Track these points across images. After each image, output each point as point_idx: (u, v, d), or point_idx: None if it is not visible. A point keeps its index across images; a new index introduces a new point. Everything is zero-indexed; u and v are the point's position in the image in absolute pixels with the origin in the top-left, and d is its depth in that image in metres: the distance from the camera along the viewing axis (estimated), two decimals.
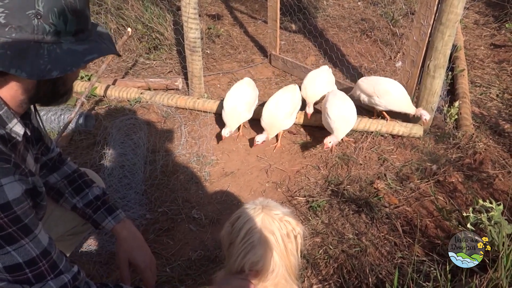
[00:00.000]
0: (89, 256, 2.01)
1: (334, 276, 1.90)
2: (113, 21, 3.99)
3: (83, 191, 1.39)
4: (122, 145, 2.66)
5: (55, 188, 1.39)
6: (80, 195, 1.39)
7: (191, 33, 3.04)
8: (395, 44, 4.03)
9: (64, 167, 1.41)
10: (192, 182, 2.56)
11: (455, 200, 2.29)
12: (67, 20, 0.91)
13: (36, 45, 0.88)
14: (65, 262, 1.03)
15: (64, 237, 1.53)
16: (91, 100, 3.28)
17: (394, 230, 2.12)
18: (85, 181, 1.42)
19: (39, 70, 0.88)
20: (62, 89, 1.04)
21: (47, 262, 0.97)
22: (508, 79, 3.62)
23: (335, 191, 2.43)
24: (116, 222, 1.38)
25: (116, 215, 1.40)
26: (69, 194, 1.38)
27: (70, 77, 1.05)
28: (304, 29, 4.27)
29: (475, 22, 4.73)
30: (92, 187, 1.42)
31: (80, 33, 0.96)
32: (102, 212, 1.38)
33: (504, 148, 2.73)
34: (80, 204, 1.38)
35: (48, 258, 0.98)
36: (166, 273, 1.94)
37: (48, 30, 0.89)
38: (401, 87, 2.86)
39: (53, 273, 0.98)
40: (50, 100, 1.04)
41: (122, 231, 1.38)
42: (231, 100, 2.86)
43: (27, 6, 0.86)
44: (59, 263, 1.01)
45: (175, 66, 3.86)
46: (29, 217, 0.95)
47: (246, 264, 1.10)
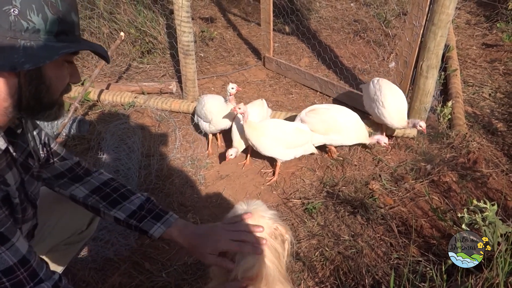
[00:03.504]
0: (84, 263, 1.99)
1: (331, 278, 1.90)
2: (106, 25, 3.98)
3: (120, 203, 1.30)
4: (116, 150, 2.64)
5: (88, 205, 1.32)
6: (117, 208, 1.29)
7: (184, 36, 3.04)
8: (388, 45, 4.05)
9: (91, 179, 1.35)
10: (187, 186, 2.55)
11: (449, 199, 2.30)
12: (47, 18, 0.90)
13: (13, 40, 0.87)
14: (46, 270, 0.99)
15: (59, 247, 1.52)
16: (84, 105, 3.27)
17: (390, 230, 2.13)
18: (122, 194, 1.32)
19: (12, 63, 0.87)
20: (47, 98, 0.98)
21: (25, 271, 0.94)
22: (500, 78, 3.64)
23: (331, 193, 2.43)
24: (166, 227, 1.25)
25: (166, 220, 1.27)
26: (105, 207, 1.30)
27: (55, 84, 0.99)
28: (297, 31, 4.29)
29: (467, 22, 4.77)
30: (132, 198, 1.31)
31: (63, 34, 0.94)
32: (149, 220, 1.26)
33: (498, 147, 2.75)
34: (122, 216, 1.28)
35: (27, 266, 0.95)
36: (162, 278, 1.93)
37: (26, 27, 0.88)
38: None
39: (32, 281, 0.95)
40: (34, 110, 0.99)
41: (173, 233, 1.24)
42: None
43: (3, 2, 0.85)
44: (39, 271, 0.98)
45: (169, 69, 3.86)
46: (5, 225, 0.93)
47: (239, 271, 1.09)
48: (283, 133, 2.50)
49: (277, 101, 3.45)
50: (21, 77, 0.92)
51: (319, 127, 2.60)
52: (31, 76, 0.93)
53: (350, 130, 2.62)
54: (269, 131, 2.49)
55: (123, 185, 1.37)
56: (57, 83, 0.99)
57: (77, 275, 1.92)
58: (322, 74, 3.75)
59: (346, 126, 2.61)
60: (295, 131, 2.54)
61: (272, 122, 2.59)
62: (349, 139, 2.64)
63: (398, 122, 2.65)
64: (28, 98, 0.96)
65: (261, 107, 2.80)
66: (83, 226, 1.54)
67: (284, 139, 2.49)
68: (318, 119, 2.61)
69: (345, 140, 2.64)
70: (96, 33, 3.99)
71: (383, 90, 2.68)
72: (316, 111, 2.66)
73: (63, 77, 1.01)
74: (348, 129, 2.61)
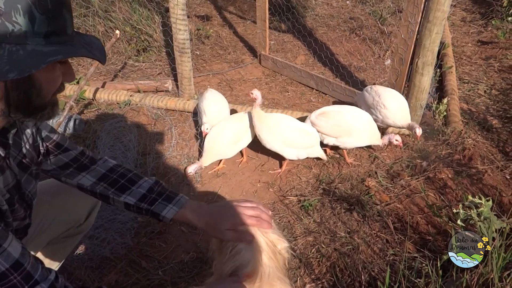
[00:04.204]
0: (80, 261, 1.99)
1: (327, 275, 1.91)
2: (101, 23, 3.97)
3: (128, 189, 1.28)
4: (112, 149, 2.64)
5: (97, 193, 1.30)
6: (127, 193, 1.27)
7: (179, 34, 3.03)
8: (383, 42, 4.06)
9: (97, 167, 1.32)
10: (184, 184, 2.55)
11: (445, 196, 2.31)
12: (35, 19, 0.82)
13: None
14: (41, 270, 0.98)
15: (58, 240, 1.52)
16: (80, 103, 3.26)
17: (386, 227, 2.13)
18: (129, 179, 1.30)
19: None
20: (38, 101, 0.93)
21: (19, 275, 0.93)
22: (496, 75, 3.66)
23: (327, 190, 2.43)
24: (178, 207, 1.23)
25: (178, 201, 1.25)
26: (114, 194, 1.28)
27: (46, 87, 0.93)
28: (293, 28, 4.28)
29: (462, 19, 4.78)
30: (140, 183, 1.29)
31: (54, 35, 0.86)
32: (160, 203, 1.24)
33: (493, 143, 2.76)
34: (132, 201, 1.26)
35: (20, 270, 0.93)
36: (159, 276, 1.93)
37: (12, 29, 0.80)
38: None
39: (27, 284, 0.94)
40: (26, 112, 0.94)
41: (187, 214, 1.22)
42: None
43: None
44: (34, 273, 0.96)
45: (165, 67, 3.85)
46: None
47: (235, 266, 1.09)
48: (285, 130, 2.49)
49: (273, 99, 3.46)
50: (8, 82, 0.86)
51: (330, 131, 2.58)
52: (19, 81, 0.87)
53: (362, 132, 2.57)
54: (271, 124, 2.49)
55: (130, 170, 1.34)
56: (49, 85, 0.94)
57: (73, 274, 1.91)
58: (318, 72, 3.75)
59: (358, 128, 2.56)
60: (299, 132, 2.52)
61: (277, 117, 2.58)
62: (361, 141, 2.60)
63: (402, 120, 2.64)
64: (17, 102, 0.90)
65: (241, 120, 2.64)
66: (81, 219, 1.54)
67: (284, 136, 2.48)
68: (329, 123, 2.57)
69: (358, 142, 2.60)
70: (91, 31, 3.97)
71: (382, 93, 2.67)
72: (327, 114, 2.61)
73: (54, 79, 0.95)
74: (360, 131, 2.57)
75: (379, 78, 3.66)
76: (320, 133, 2.61)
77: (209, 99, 2.79)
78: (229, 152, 2.60)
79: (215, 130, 2.58)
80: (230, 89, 3.60)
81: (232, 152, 2.61)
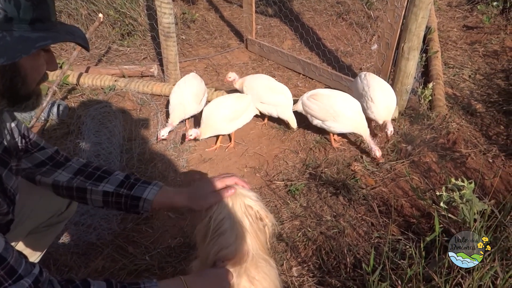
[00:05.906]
0: (66, 248, 1.98)
1: (313, 258, 1.93)
2: (84, 6, 3.87)
3: (106, 178, 1.30)
4: (97, 134, 2.60)
5: (73, 187, 1.30)
6: (105, 181, 1.29)
7: (164, 18, 2.98)
8: (370, 27, 4.05)
9: (72, 164, 1.34)
10: (170, 169, 2.54)
11: (429, 179, 2.35)
12: (20, 5, 0.83)
13: None
14: (25, 265, 0.96)
15: (39, 229, 1.49)
16: (63, 88, 3.20)
17: (371, 210, 2.16)
18: (105, 171, 1.33)
19: None
20: (23, 89, 0.94)
21: (2, 269, 0.91)
22: (480, 60, 3.69)
23: (313, 174, 2.45)
24: (159, 187, 1.27)
25: (156, 183, 1.28)
26: (92, 184, 1.29)
27: (31, 75, 0.95)
28: (280, 13, 4.24)
29: (448, 4, 4.79)
30: (115, 174, 1.32)
31: (38, 22, 0.88)
32: (140, 186, 1.27)
33: (476, 127, 2.80)
34: (111, 188, 1.28)
35: (3, 265, 0.91)
36: (146, 261, 1.93)
37: None
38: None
39: (11, 279, 0.92)
40: (11, 100, 0.95)
41: (169, 193, 1.27)
42: (177, 93, 2.72)
43: None
44: (18, 267, 0.94)
45: (150, 52, 3.79)
46: None
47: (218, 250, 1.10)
48: (259, 86, 2.80)
49: None
50: None
51: (317, 113, 2.64)
52: (4, 68, 0.88)
53: (348, 119, 2.57)
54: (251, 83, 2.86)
55: (102, 165, 1.39)
56: (33, 73, 0.95)
57: (59, 260, 1.90)
58: (305, 57, 3.74)
59: (344, 115, 2.56)
60: (268, 88, 2.79)
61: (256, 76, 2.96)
62: (345, 127, 2.60)
63: (382, 118, 2.62)
64: (2, 90, 0.91)
65: (241, 100, 2.71)
66: (62, 207, 1.52)
67: (259, 93, 2.78)
68: (317, 105, 2.63)
69: (342, 128, 2.61)
70: (74, 15, 3.88)
71: (372, 85, 2.64)
72: (317, 96, 2.65)
73: (39, 67, 0.96)
74: (345, 118, 2.56)
75: (366, 63, 3.66)
76: (309, 115, 2.68)
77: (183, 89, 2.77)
78: (224, 128, 2.64)
79: (212, 104, 2.64)
80: (217, 74, 3.57)
81: (228, 129, 2.65)
